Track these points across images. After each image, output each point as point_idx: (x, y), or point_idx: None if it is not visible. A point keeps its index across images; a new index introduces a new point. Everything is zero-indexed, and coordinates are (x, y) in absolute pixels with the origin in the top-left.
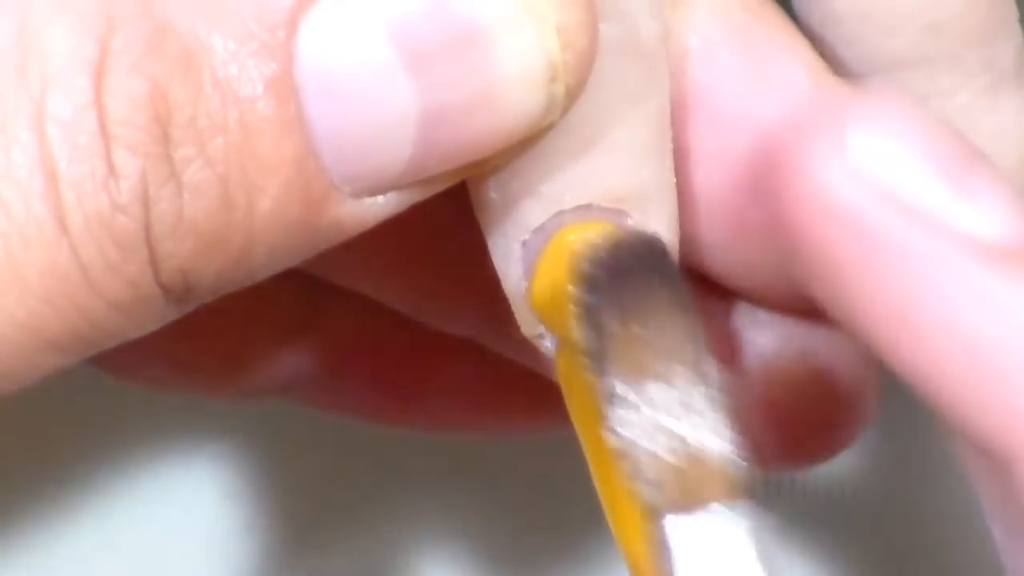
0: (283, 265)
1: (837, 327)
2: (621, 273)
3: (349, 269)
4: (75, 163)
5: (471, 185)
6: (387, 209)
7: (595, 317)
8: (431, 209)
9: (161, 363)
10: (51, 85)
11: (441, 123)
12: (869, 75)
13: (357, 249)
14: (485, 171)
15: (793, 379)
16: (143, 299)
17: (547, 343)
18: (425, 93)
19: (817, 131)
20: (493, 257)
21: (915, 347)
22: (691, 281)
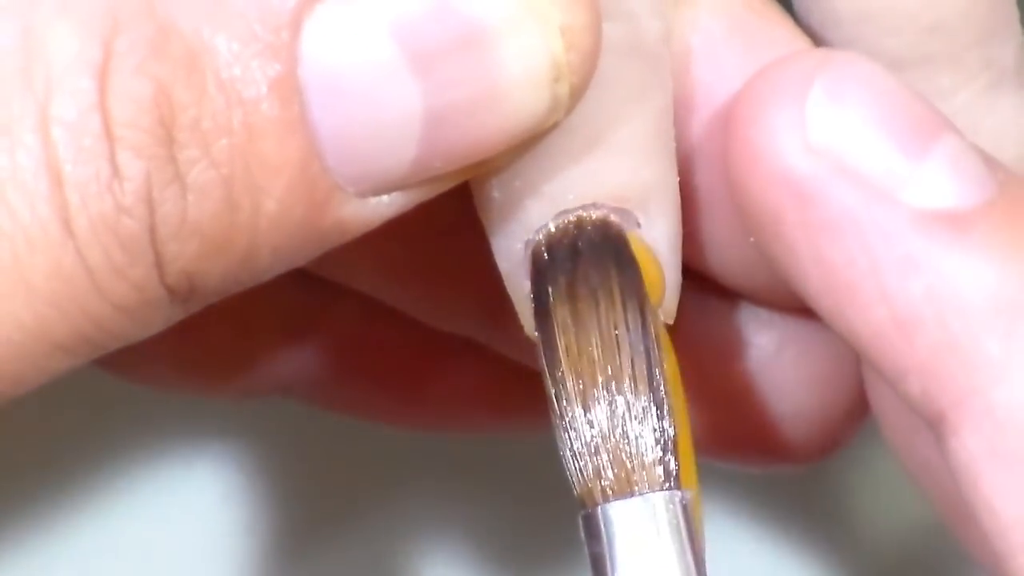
0: (288, 266)
1: None
2: (574, 258)
3: (351, 269)
4: (80, 165)
5: (474, 185)
6: (392, 209)
7: (544, 296)
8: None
9: (163, 363)
10: (55, 87)
11: (445, 123)
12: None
13: (359, 249)
14: (489, 171)
15: (793, 379)
16: (149, 302)
17: None
18: (429, 94)
19: (776, 98)
20: (496, 257)
21: (852, 314)
22: (692, 280)
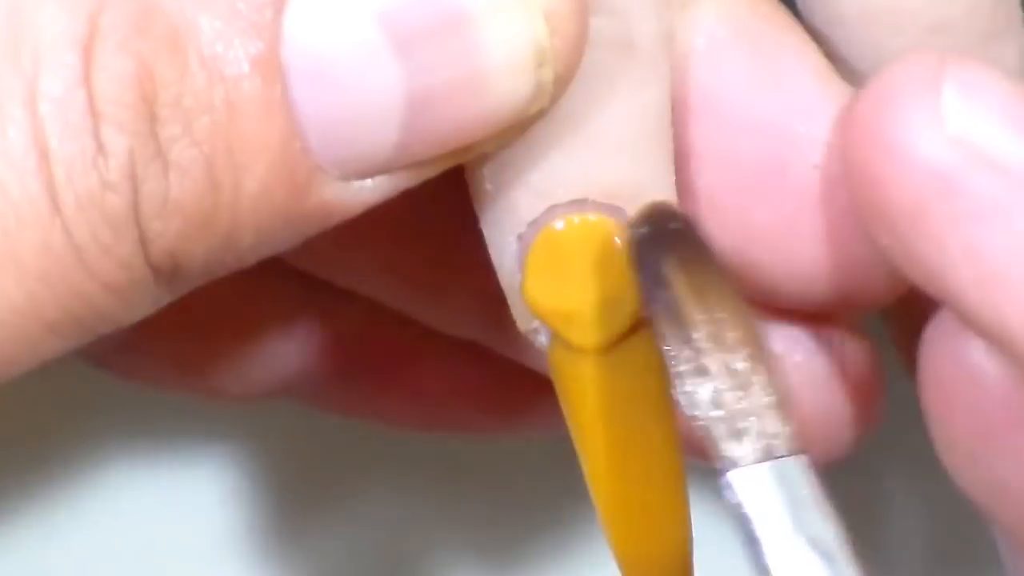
0: (272, 249)
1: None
2: (670, 239)
3: (351, 271)
4: (66, 141)
5: (469, 178)
6: (376, 194)
7: (658, 277)
8: (434, 210)
9: (162, 363)
10: (43, 63)
11: (428, 107)
12: (873, 75)
13: (360, 250)
14: (475, 158)
15: (799, 381)
16: (136, 281)
17: (542, 338)
18: (412, 77)
19: (909, 94)
20: (490, 250)
21: (1003, 303)
22: None
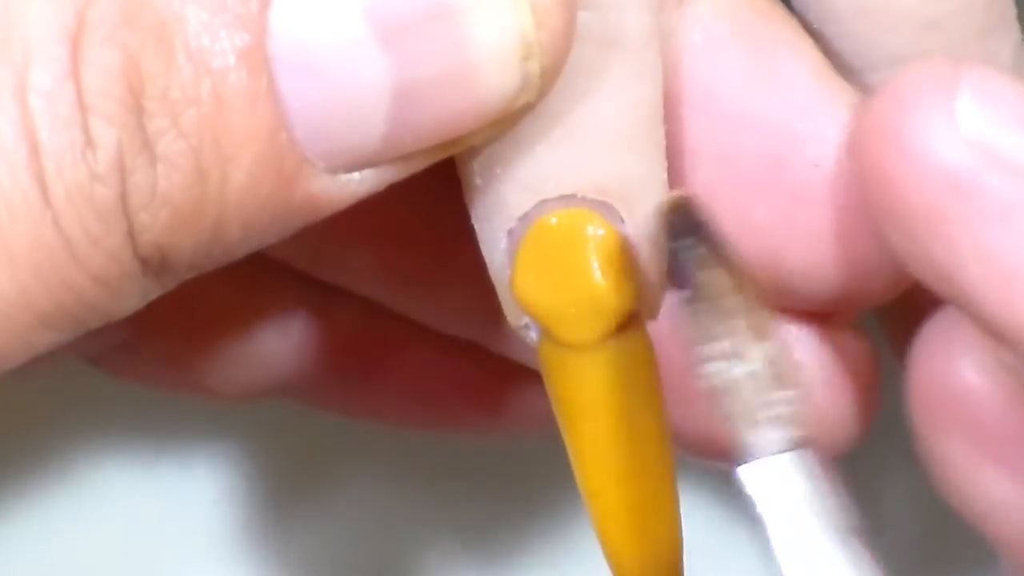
0: (260, 242)
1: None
2: (702, 228)
3: (349, 272)
4: (55, 133)
5: (461, 173)
6: (364, 187)
7: (691, 262)
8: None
9: (158, 362)
10: (32, 56)
11: (414, 99)
12: (868, 71)
13: (358, 251)
14: (465, 153)
15: None
16: (125, 274)
17: (532, 334)
18: (398, 69)
19: (924, 98)
20: (480, 246)
21: (1012, 301)
22: None
